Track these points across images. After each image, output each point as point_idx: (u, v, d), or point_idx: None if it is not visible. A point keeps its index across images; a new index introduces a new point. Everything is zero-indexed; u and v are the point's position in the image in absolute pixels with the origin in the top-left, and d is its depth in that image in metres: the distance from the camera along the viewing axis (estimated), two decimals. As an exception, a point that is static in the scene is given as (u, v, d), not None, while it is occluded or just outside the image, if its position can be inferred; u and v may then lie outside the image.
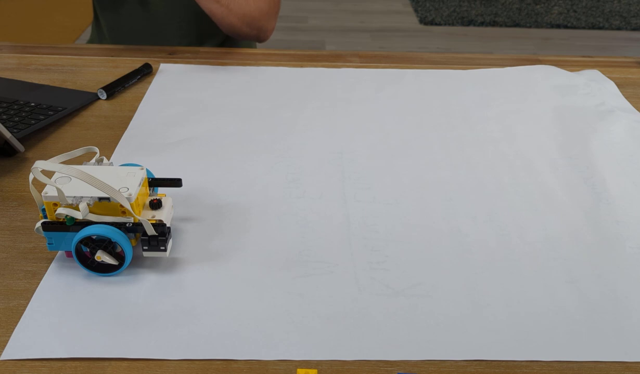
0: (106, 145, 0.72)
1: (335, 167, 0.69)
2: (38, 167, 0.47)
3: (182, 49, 1.00)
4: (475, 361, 0.46)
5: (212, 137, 0.74)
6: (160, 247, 0.51)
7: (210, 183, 0.65)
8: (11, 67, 0.92)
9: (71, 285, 0.51)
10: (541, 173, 0.69)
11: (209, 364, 0.45)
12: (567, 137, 0.76)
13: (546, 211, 0.62)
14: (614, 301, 0.51)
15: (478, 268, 0.55)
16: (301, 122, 0.78)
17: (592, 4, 3.68)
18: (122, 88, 0.86)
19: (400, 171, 0.68)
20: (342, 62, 0.97)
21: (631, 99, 0.86)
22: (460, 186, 0.66)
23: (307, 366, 0.45)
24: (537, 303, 0.51)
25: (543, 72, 0.94)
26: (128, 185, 0.51)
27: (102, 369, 0.44)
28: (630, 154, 0.73)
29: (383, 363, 0.45)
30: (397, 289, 0.52)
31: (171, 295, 0.50)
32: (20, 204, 0.61)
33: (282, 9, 0.97)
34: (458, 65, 0.97)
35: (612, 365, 0.46)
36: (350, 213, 0.61)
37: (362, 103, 0.84)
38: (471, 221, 0.60)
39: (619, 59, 1.01)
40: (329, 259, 0.55)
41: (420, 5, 3.59)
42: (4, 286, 0.51)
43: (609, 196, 0.65)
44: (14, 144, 0.67)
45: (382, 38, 3.18)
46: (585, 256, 0.56)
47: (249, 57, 0.98)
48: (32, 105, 0.78)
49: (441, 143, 0.74)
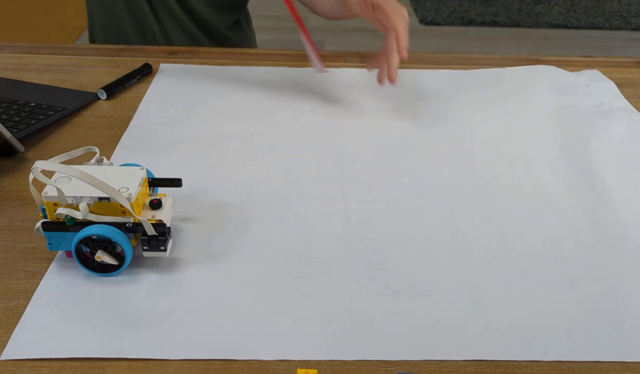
0: (106, 145, 0.72)
1: (335, 167, 0.69)
2: (38, 167, 0.47)
3: (182, 49, 1.00)
4: (475, 361, 0.46)
5: (212, 137, 0.74)
6: (160, 247, 0.51)
7: (210, 183, 0.65)
8: (11, 67, 0.92)
9: (71, 285, 0.51)
10: (541, 173, 0.69)
11: (209, 364, 0.45)
12: (567, 137, 0.76)
13: (546, 212, 0.62)
14: (614, 301, 0.51)
15: (478, 268, 0.55)
16: (301, 122, 0.78)
17: (592, 4, 3.68)
18: (122, 88, 0.86)
19: (400, 171, 0.68)
20: (342, 62, 0.97)
21: (631, 99, 0.86)
22: (460, 186, 0.66)
23: (307, 366, 0.45)
24: (537, 303, 0.51)
25: (543, 72, 0.94)
26: (128, 185, 0.51)
27: (102, 369, 0.44)
28: (630, 154, 0.73)
29: (383, 363, 0.45)
30: (397, 289, 0.52)
31: (171, 295, 0.50)
32: (20, 204, 0.61)
33: (282, 9, 0.97)
34: (458, 65, 0.97)
35: (612, 365, 0.46)
36: (350, 213, 0.61)
37: (362, 103, 0.84)
38: (471, 222, 0.60)
39: (619, 58, 1.01)
40: (329, 259, 0.55)
41: (420, 5, 3.59)
42: (4, 286, 0.51)
43: (609, 197, 0.65)
44: (14, 144, 0.67)
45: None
46: (585, 256, 0.56)
47: (249, 57, 0.98)
48: (32, 105, 0.78)
49: (441, 143, 0.74)
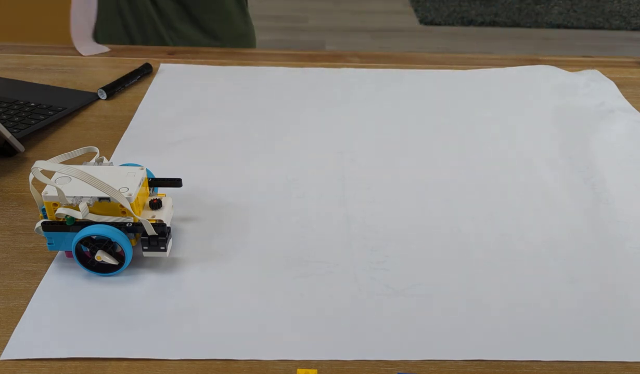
0: (106, 145, 0.72)
1: (335, 167, 0.69)
2: (38, 167, 0.47)
3: (182, 48, 1.00)
4: (475, 361, 0.46)
5: (212, 137, 0.74)
6: (160, 247, 0.51)
7: (210, 183, 0.65)
8: (11, 67, 0.92)
9: (71, 285, 0.51)
10: (541, 173, 0.69)
11: (209, 364, 0.45)
12: (567, 137, 0.76)
13: (546, 211, 0.62)
14: (614, 301, 0.51)
15: (478, 268, 0.55)
16: (301, 122, 0.78)
17: (592, 4, 3.68)
18: (122, 88, 0.86)
19: (400, 171, 0.68)
20: (342, 62, 0.97)
21: (631, 99, 0.86)
22: (460, 186, 0.66)
23: (307, 366, 0.45)
24: (537, 303, 0.51)
25: (543, 72, 0.94)
26: (128, 185, 0.51)
27: (102, 369, 0.44)
28: (630, 154, 0.73)
29: (383, 363, 0.45)
30: (397, 289, 0.52)
31: (171, 295, 0.50)
32: (20, 204, 0.61)
33: (282, 9, 0.97)
34: (458, 65, 0.97)
35: (612, 365, 0.46)
36: (350, 213, 0.61)
37: (362, 103, 0.84)
38: (471, 221, 0.60)
39: (619, 58, 1.01)
40: (329, 259, 0.55)
41: (420, 5, 3.59)
42: (4, 286, 0.51)
43: (609, 196, 0.65)
44: (14, 144, 0.67)
45: (382, 38, 3.18)
46: (585, 256, 0.56)
47: (249, 57, 0.98)
48: (32, 105, 0.78)
49: (441, 143, 0.74)
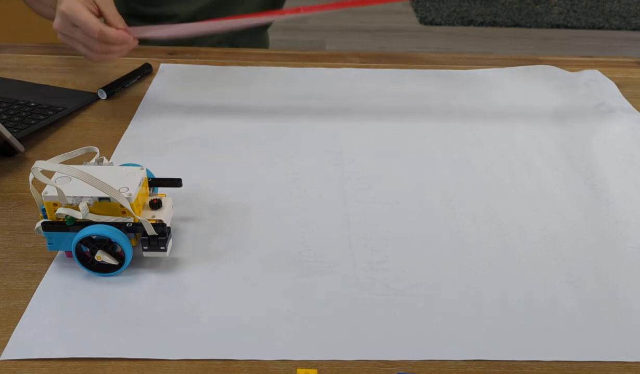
0: (106, 145, 0.72)
1: (335, 167, 0.69)
2: (38, 167, 0.47)
3: (182, 49, 1.00)
4: (475, 361, 0.46)
5: (212, 137, 0.74)
6: (160, 247, 0.51)
7: (210, 183, 0.65)
8: (11, 67, 0.92)
9: (71, 285, 0.51)
10: (541, 173, 0.69)
11: (209, 364, 0.45)
12: (567, 137, 0.76)
13: (546, 211, 0.62)
14: (614, 301, 0.51)
15: (478, 268, 0.55)
16: (301, 122, 0.78)
17: (592, 4, 3.68)
18: (122, 88, 0.85)
19: (400, 171, 0.68)
20: (342, 62, 0.97)
21: (631, 99, 0.86)
22: (460, 186, 0.66)
23: (307, 366, 0.45)
24: (537, 303, 0.51)
25: (543, 72, 0.94)
26: (128, 185, 0.51)
27: (102, 369, 0.44)
28: (630, 154, 0.73)
29: (383, 363, 0.45)
30: (397, 289, 0.52)
31: (171, 295, 0.50)
32: (20, 204, 0.61)
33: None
34: (458, 65, 0.97)
35: (612, 365, 0.46)
36: (350, 213, 0.61)
37: (362, 103, 0.84)
38: (471, 221, 0.60)
39: (619, 58, 1.01)
40: (329, 259, 0.55)
41: (420, 5, 3.59)
42: (4, 286, 0.51)
43: (609, 196, 0.65)
44: (14, 144, 0.67)
45: (382, 38, 3.18)
46: (585, 256, 0.56)
47: (249, 57, 0.98)
48: (32, 105, 0.78)
49: (441, 143, 0.74)
